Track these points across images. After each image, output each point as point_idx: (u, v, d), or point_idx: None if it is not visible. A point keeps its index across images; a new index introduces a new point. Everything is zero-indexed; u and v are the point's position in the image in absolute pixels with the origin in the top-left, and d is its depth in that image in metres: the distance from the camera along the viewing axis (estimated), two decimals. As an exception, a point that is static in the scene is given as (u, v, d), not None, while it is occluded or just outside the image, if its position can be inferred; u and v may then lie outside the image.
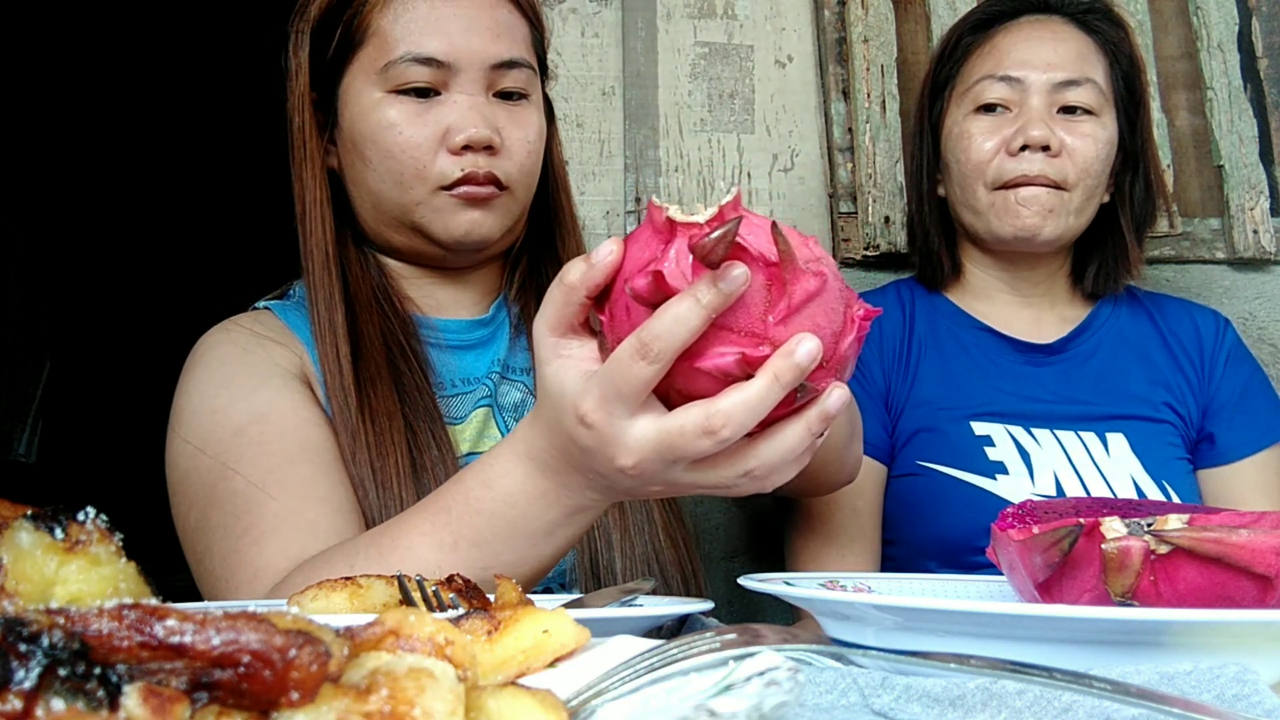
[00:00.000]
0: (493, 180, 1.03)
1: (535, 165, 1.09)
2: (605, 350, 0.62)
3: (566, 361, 0.63)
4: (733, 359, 0.58)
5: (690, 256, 0.56)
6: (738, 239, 0.55)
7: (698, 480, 0.63)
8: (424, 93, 1.03)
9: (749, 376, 0.58)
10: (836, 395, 0.60)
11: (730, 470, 0.62)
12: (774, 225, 0.56)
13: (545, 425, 0.67)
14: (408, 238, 1.07)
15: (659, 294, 0.57)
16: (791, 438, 0.61)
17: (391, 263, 1.12)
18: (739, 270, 0.55)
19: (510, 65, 1.05)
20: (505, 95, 1.06)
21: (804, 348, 0.57)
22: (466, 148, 1.01)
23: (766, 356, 0.57)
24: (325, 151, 1.08)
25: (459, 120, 1.02)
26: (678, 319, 0.56)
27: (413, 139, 1.01)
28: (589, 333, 0.64)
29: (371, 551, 0.77)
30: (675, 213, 0.57)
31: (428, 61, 1.01)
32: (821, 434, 0.62)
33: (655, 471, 0.62)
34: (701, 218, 0.57)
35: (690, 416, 0.59)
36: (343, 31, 1.05)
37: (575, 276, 0.60)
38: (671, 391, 0.60)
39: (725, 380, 0.59)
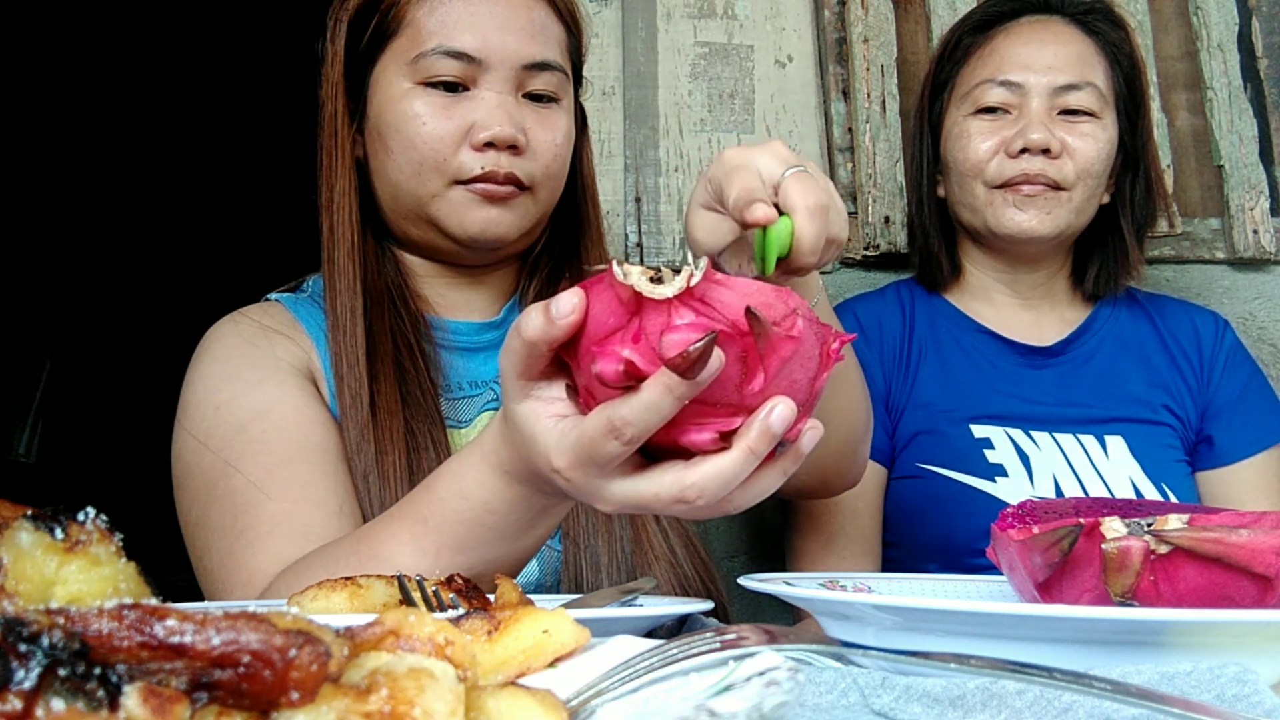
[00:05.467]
0: (512, 180, 1.02)
1: (561, 169, 1.08)
2: (574, 394, 0.61)
3: (536, 404, 0.62)
4: (709, 437, 0.57)
5: (658, 333, 0.53)
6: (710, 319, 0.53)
7: (673, 516, 0.63)
8: (452, 87, 1.02)
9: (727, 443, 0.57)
10: (809, 436, 0.60)
11: (708, 512, 0.62)
12: (748, 310, 0.53)
13: (517, 451, 0.66)
14: (424, 231, 1.07)
15: (630, 380, 0.55)
16: (766, 482, 0.61)
17: (409, 259, 1.12)
18: (714, 362, 0.53)
19: (542, 67, 1.04)
20: (535, 98, 1.05)
21: (776, 414, 0.55)
22: (490, 145, 1.01)
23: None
24: (353, 142, 1.09)
25: (485, 117, 1.01)
26: (649, 407, 0.54)
27: (435, 131, 1.01)
28: (556, 371, 0.62)
29: (352, 559, 0.77)
30: (641, 284, 0.54)
31: (458, 55, 1.01)
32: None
33: (631, 512, 0.63)
34: (670, 290, 0.53)
35: (665, 484, 0.58)
36: (378, 21, 1.06)
37: (535, 332, 0.58)
38: (651, 444, 0.59)
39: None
